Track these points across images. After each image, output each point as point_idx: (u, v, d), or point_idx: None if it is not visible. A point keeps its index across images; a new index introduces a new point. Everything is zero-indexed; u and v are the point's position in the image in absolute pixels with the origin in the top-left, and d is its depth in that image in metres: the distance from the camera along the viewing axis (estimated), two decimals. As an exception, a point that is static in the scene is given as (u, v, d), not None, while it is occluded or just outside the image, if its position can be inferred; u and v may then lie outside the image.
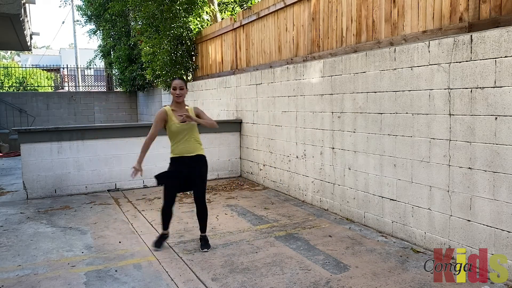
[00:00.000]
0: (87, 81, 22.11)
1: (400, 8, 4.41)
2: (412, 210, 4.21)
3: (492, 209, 3.44)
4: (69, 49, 38.20)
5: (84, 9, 16.65)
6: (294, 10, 6.26)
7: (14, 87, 23.27)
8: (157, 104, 13.99)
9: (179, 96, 4.14)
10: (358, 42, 5.03)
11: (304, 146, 5.96)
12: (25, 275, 3.60)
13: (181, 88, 4.14)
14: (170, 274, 3.59)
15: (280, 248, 4.15)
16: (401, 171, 4.32)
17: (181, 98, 4.16)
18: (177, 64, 10.72)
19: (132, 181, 7.10)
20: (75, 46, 25.01)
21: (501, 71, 3.32)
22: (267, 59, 7.13)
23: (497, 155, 3.38)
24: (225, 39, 8.89)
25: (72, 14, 23.59)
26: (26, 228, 4.95)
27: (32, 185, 6.44)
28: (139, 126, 8.08)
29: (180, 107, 4.19)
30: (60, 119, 15.74)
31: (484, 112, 3.46)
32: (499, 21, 3.44)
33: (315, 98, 5.65)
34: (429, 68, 3.93)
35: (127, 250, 4.18)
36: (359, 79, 4.82)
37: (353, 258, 3.86)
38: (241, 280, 3.46)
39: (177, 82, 4.15)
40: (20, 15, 8.07)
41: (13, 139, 12.49)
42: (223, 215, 5.38)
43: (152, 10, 10.25)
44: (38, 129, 6.64)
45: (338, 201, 5.29)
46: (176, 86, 4.13)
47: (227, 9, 14.55)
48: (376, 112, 4.60)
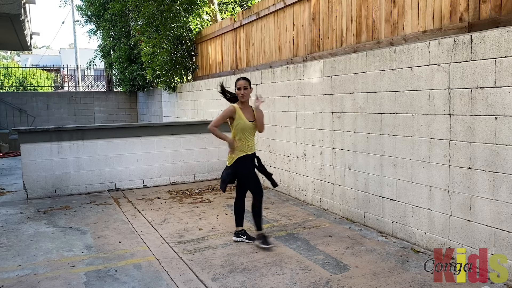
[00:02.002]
0: (87, 81, 22.13)
1: (400, 8, 4.42)
2: (412, 210, 4.21)
3: (492, 209, 3.44)
4: (69, 49, 38.21)
5: (84, 9, 16.65)
6: (294, 10, 6.26)
7: (14, 87, 23.29)
8: (157, 104, 13.98)
9: (243, 96, 4.22)
10: (358, 42, 5.03)
11: (304, 146, 5.96)
12: (25, 275, 3.60)
13: (245, 88, 4.22)
14: (170, 274, 3.59)
15: (280, 248, 4.15)
16: (401, 171, 4.32)
17: (245, 98, 4.24)
18: (177, 64, 10.73)
19: (132, 181, 7.10)
20: (75, 46, 25.03)
21: (501, 71, 3.32)
22: (267, 59, 7.13)
23: (497, 155, 3.38)
24: (225, 39, 8.89)
25: (72, 14, 23.60)
26: (26, 228, 4.95)
27: (32, 185, 6.44)
28: (139, 126, 8.10)
29: (245, 106, 4.29)
30: (60, 119, 15.74)
31: (484, 112, 3.46)
32: (499, 21, 3.44)
33: (315, 98, 5.65)
34: (429, 68, 3.93)
35: (127, 250, 4.18)
36: (359, 79, 4.82)
37: (353, 258, 3.86)
38: (241, 280, 3.46)
39: (241, 82, 4.24)
40: (20, 15, 8.08)
41: (13, 139, 12.50)
42: (223, 215, 5.38)
43: (152, 10, 10.25)
44: (38, 129, 6.64)
45: (338, 201, 5.29)
46: (241, 86, 4.21)
47: (227, 9, 14.55)
48: (376, 112, 4.60)
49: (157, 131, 7.32)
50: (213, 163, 7.72)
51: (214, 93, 9.17)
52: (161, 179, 7.33)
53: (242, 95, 4.22)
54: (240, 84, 4.23)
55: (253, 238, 4.34)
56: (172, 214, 5.45)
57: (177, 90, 11.53)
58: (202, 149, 7.63)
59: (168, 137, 7.37)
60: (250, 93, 4.30)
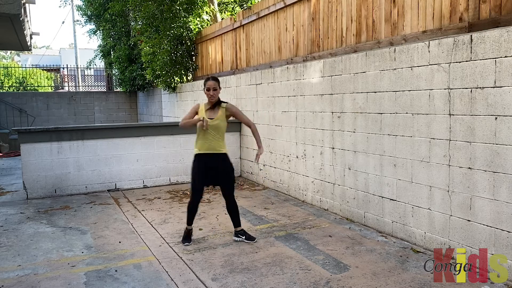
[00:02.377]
0: (87, 81, 22.13)
1: (400, 8, 4.42)
2: (412, 210, 4.21)
3: (492, 209, 3.44)
4: (69, 49, 38.21)
5: (84, 9, 16.65)
6: (294, 10, 6.26)
7: (14, 87, 23.30)
8: (157, 104, 13.98)
9: (212, 96, 4.23)
10: (358, 42, 5.03)
11: (304, 146, 5.96)
12: (25, 275, 3.60)
13: (215, 89, 4.22)
14: (170, 274, 3.59)
15: (280, 248, 4.15)
16: (401, 171, 4.32)
17: (213, 99, 4.25)
18: (177, 64, 10.73)
19: (132, 181, 7.10)
20: (75, 46, 25.03)
21: (501, 71, 3.32)
22: (267, 59, 7.13)
23: (497, 155, 3.38)
24: (225, 39, 8.89)
25: (72, 14, 23.60)
26: (26, 228, 4.95)
27: (32, 185, 6.44)
28: (139, 126, 8.10)
29: (213, 106, 4.29)
30: (60, 119, 15.74)
31: (484, 112, 3.46)
32: (499, 21, 3.44)
33: (315, 98, 5.65)
34: (429, 68, 3.93)
35: (127, 250, 4.18)
36: (359, 79, 4.82)
37: (353, 258, 3.86)
38: (241, 280, 3.46)
39: (211, 83, 4.22)
40: (20, 15, 8.07)
41: (13, 139, 12.49)
42: (223, 215, 5.38)
43: (152, 10, 10.25)
44: (38, 129, 6.64)
45: (338, 201, 5.29)
46: (210, 87, 4.21)
47: (227, 9, 14.55)
48: (376, 112, 4.60)
49: (157, 131, 7.32)
50: (213, 163, 7.71)
51: (214, 93, 9.16)
52: (161, 179, 7.33)
53: (211, 96, 4.21)
54: (209, 84, 4.20)
55: (254, 238, 4.37)
56: (172, 214, 5.45)
57: (177, 90, 11.53)
58: (202, 149, 7.62)
59: (168, 137, 7.37)
60: (219, 93, 4.28)
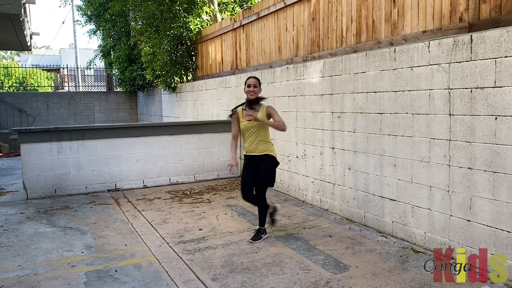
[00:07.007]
0: (87, 81, 22.12)
1: (400, 8, 4.42)
2: (412, 210, 4.21)
3: (492, 209, 3.44)
4: (69, 49, 38.23)
5: (84, 9, 16.64)
6: (294, 10, 6.26)
7: (14, 87, 23.29)
8: (157, 104, 13.98)
9: (252, 92, 4.30)
10: (358, 42, 5.03)
11: (304, 146, 5.96)
12: (25, 275, 3.60)
13: (255, 86, 4.32)
14: (170, 274, 3.59)
15: (280, 248, 4.15)
16: (401, 171, 4.32)
17: (251, 95, 4.31)
18: (177, 64, 10.73)
19: (132, 181, 7.10)
20: (75, 46, 25.05)
21: (501, 71, 3.32)
22: (267, 59, 7.13)
23: (497, 155, 3.38)
24: (225, 39, 8.89)
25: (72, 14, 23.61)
26: (26, 228, 4.95)
27: (32, 185, 6.44)
28: (139, 126, 8.10)
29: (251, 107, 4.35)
30: (60, 119, 15.74)
31: (484, 112, 3.46)
32: (499, 21, 3.44)
33: (315, 98, 5.65)
34: (429, 68, 3.93)
35: (127, 250, 4.18)
36: (359, 79, 4.82)
37: (353, 258, 3.86)
38: (241, 280, 3.46)
39: (252, 80, 4.35)
40: (20, 15, 8.08)
41: (13, 139, 12.49)
42: (223, 215, 5.38)
43: (152, 10, 10.25)
44: (38, 129, 6.64)
45: (338, 201, 5.29)
46: (251, 84, 4.32)
47: (227, 9, 14.56)
48: (376, 112, 4.60)
49: (157, 131, 7.32)
50: (213, 163, 7.72)
51: (214, 93, 9.17)
52: (161, 179, 7.33)
53: (251, 91, 4.31)
54: (250, 81, 4.36)
55: (254, 238, 4.40)
56: (172, 214, 5.45)
57: (177, 90, 11.54)
58: (202, 149, 7.63)
59: (168, 137, 7.37)
60: (259, 93, 4.39)
